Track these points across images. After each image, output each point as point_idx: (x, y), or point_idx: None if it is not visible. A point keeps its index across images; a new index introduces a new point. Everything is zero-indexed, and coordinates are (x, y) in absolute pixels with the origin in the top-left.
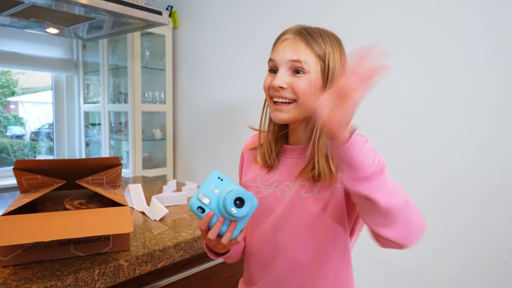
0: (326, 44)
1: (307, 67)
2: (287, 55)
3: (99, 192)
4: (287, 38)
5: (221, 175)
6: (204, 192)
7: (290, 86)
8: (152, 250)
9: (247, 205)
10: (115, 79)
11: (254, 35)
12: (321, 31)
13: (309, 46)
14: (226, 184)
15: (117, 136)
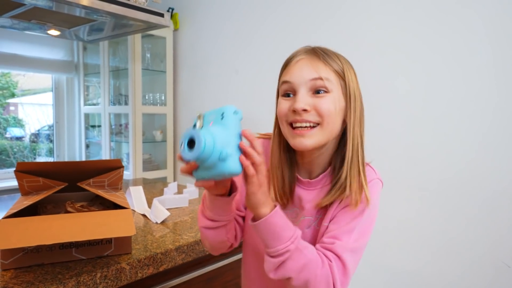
0: (342, 62)
1: (329, 85)
2: (306, 74)
3: (101, 194)
4: (302, 58)
5: (230, 114)
6: (207, 116)
7: (313, 107)
8: (154, 253)
9: (198, 146)
10: (115, 81)
11: (254, 37)
12: (330, 50)
13: (327, 64)
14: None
15: (118, 138)
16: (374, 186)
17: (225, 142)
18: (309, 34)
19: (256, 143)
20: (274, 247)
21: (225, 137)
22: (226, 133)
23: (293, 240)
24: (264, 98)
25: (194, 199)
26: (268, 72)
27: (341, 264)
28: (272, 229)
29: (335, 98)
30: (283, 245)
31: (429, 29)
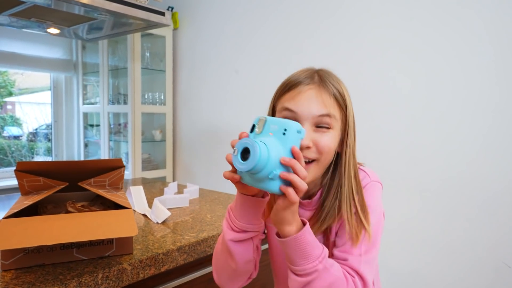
0: (343, 89)
1: (333, 122)
2: (314, 109)
3: (102, 194)
4: (311, 89)
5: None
6: (269, 124)
7: (314, 144)
8: (156, 253)
9: (252, 160)
10: (114, 80)
11: (255, 37)
12: (330, 74)
13: (334, 99)
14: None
15: (116, 137)
16: (370, 190)
17: (279, 162)
18: (310, 34)
19: (302, 163)
20: (301, 266)
21: (280, 155)
22: (282, 152)
23: (321, 259)
24: (264, 99)
25: (195, 199)
26: (269, 72)
27: (360, 279)
28: (301, 247)
29: (335, 134)
30: (311, 264)
31: (431, 29)
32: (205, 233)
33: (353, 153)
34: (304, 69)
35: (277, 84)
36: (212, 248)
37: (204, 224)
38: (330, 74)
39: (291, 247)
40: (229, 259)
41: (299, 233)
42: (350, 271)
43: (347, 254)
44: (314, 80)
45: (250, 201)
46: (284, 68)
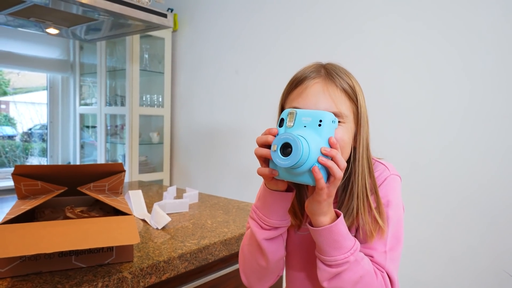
0: (354, 83)
1: (344, 116)
2: (322, 105)
3: (102, 200)
4: (317, 83)
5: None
6: (300, 116)
7: None
8: (157, 261)
9: (295, 155)
10: (112, 81)
11: (254, 39)
12: (338, 67)
13: (343, 91)
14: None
15: (113, 139)
16: (391, 184)
17: (320, 154)
18: (310, 36)
19: (340, 155)
20: (332, 256)
21: (320, 147)
22: (322, 144)
23: (353, 251)
24: (264, 101)
25: (194, 203)
26: (269, 75)
27: (386, 276)
28: (334, 238)
29: (348, 128)
30: (343, 255)
31: (435, 31)
32: (207, 240)
33: (366, 146)
34: (310, 64)
35: (277, 85)
36: (213, 255)
37: (205, 230)
38: (337, 67)
39: (324, 236)
40: (260, 259)
41: (333, 224)
42: (378, 267)
43: (372, 251)
44: (321, 73)
45: (280, 197)
46: (285, 70)
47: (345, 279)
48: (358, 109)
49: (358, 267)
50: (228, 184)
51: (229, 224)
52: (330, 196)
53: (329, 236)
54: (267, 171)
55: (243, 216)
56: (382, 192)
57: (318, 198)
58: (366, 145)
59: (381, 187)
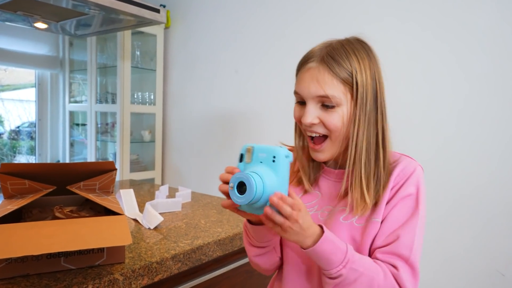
0: (352, 62)
1: (336, 100)
2: (312, 90)
3: (93, 199)
4: (311, 68)
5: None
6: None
7: (321, 120)
8: (149, 262)
9: (249, 193)
10: (102, 79)
11: (249, 36)
12: (345, 47)
13: (335, 76)
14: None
15: (104, 137)
16: (420, 175)
17: (274, 189)
18: (306, 33)
19: (293, 195)
20: (327, 270)
21: (274, 183)
22: (275, 179)
23: (344, 264)
24: (259, 100)
25: (187, 202)
26: (265, 73)
27: (409, 268)
28: (320, 256)
29: (344, 111)
30: (335, 269)
31: (429, 33)
32: (200, 240)
33: (359, 126)
34: (323, 42)
35: (274, 85)
36: (207, 256)
37: (199, 230)
38: (344, 46)
39: (312, 256)
40: (255, 265)
41: (315, 246)
42: (397, 262)
43: (398, 243)
44: (318, 57)
45: (258, 229)
46: (282, 69)
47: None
48: (356, 89)
49: (356, 274)
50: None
51: (223, 223)
52: (293, 228)
53: (316, 255)
54: (226, 204)
55: (236, 216)
56: (414, 182)
57: (284, 235)
58: (372, 128)
59: (412, 176)
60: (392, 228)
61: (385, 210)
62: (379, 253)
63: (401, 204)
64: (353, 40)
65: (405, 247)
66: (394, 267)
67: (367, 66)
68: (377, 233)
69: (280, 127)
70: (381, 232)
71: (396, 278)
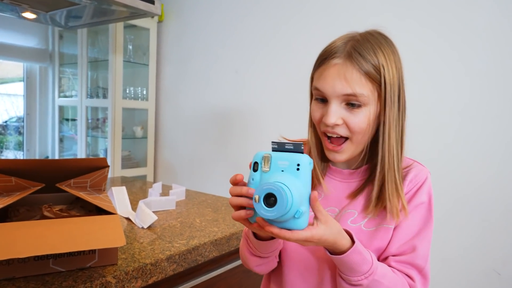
0: (380, 58)
1: (364, 99)
2: (338, 88)
3: (84, 197)
4: (336, 64)
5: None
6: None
7: (345, 121)
8: (143, 264)
9: (280, 206)
10: (93, 73)
11: (245, 31)
12: (370, 41)
13: (363, 73)
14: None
15: (94, 132)
16: (430, 183)
17: (302, 199)
18: (303, 28)
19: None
20: (347, 275)
21: (302, 193)
22: (302, 189)
23: (367, 275)
24: (255, 96)
25: (181, 201)
26: (260, 68)
27: (422, 278)
28: (347, 265)
29: (370, 111)
30: (356, 278)
31: (430, 30)
32: (196, 240)
33: (396, 128)
34: (344, 35)
35: (269, 80)
36: (203, 256)
37: (194, 229)
38: (369, 40)
39: (336, 262)
40: (252, 269)
41: (343, 256)
42: (412, 272)
43: (413, 251)
44: (343, 52)
45: (262, 243)
46: (278, 63)
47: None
48: (383, 86)
49: (376, 285)
50: (215, 180)
51: (219, 223)
52: (323, 243)
53: (341, 263)
54: (241, 215)
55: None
56: (426, 190)
57: (308, 243)
58: (396, 126)
59: (424, 184)
60: (407, 237)
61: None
62: (394, 261)
63: (415, 213)
64: (376, 34)
65: (421, 258)
66: (410, 277)
67: (392, 62)
68: (390, 240)
69: (276, 124)
70: (395, 240)
71: None
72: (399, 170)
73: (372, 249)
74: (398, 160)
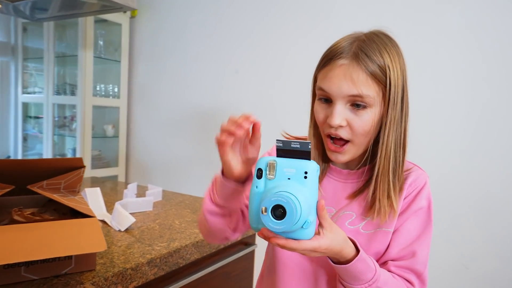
0: (385, 58)
1: (370, 100)
2: (345, 88)
3: (58, 199)
4: (342, 65)
5: (314, 174)
6: (281, 167)
7: (348, 123)
8: (123, 268)
9: (290, 218)
10: (60, 68)
11: (222, 27)
12: (376, 42)
13: (369, 74)
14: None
15: (61, 131)
16: (429, 187)
17: (310, 209)
18: (286, 24)
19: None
20: (350, 283)
21: (309, 203)
22: (310, 198)
23: (371, 283)
24: (233, 95)
25: (158, 202)
26: (237, 66)
27: (421, 283)
28: (351, 274)
29: (375, 113)
30: (359, 286)
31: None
32: (177, 242)
33: (398, 130)
34: (348, 36)
35: (250, 78)
36: (185, 259)
37: (174, 231)
38: (374, 41)
39: (340, 271)
40: (202, 222)
41: (348, 265)
42: (411, 277)
43: (413, 257)
44: (349, 53)
45: (230, 184)
46: (259, 61)
47: None
48: (388, 87)
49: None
50: (192, 181)
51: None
52: (328, 247)
53: (345, 272)
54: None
55: None
56: (425, 195)
57: (314, 253)
58: (397, 128)
59: (424, 188)
60: (407, 242)
61: (397, 221)
62: (394, 266)
63: (414, 217)
64: (381, 35)
65: (420, 263)
66: (409, 282)
67: (397, 63)
68: (389, 244)
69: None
70: (394, 244)
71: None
72: (395, 172)
73: (370, 252)
74: (396, 162)
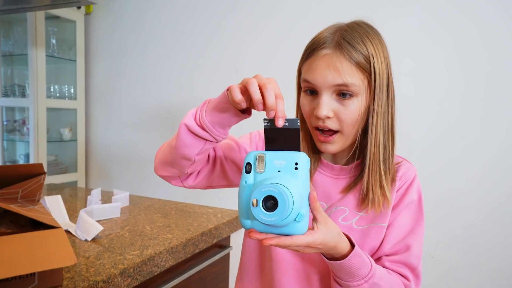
0: (368, 47)
1: (356, 89)
2: (329, 78)
3: (16, 211)
4: (326, 55)
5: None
6: (271, 159)
7: (336, 114)
8: (94, 281)
9: (282, 210)
10: (7, 68)
11: (185, 24)
12: (358, 31)
13: (353, 63)
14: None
15: (11, 135)
16: (419, 180)
17: (302, 201)
18: (248, 19)
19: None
20: (346, 281)
21: (301, 194)
22: (302, 190)
23: (367, 279)
24: (194, 94)
25: (125, 207)
26: (200, 65)
27: (415, 277)
28: (346, 270)
29: (361, 102)
30: (356, 282)
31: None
32: (150, 249)
33: (386, 119)
34: (330, 26)
35: (209, 78)
36: (159, 267)
37: (146, 238)
38: (356, 30)
39: (335, 267)
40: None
41: (343, 261)
42: (406, 272)
43: (407, 251)
44: (332, 42)
45: (228, 109)
46: (221, 61)
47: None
48: (373, 76)
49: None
50: (158, 183)
51: (172, 229)
52: (322, 242)
53: (340, 268)
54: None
55: (185, 219)
56: (416, 188)
57: (309, 249)
58: (385, 116)
59: (414, 181)
60: (400, 236)
61: (390, 216)
62: (388, 261)
63: (406, 211)
64: (363, 24)
65: (415, 257)
66: (405, 277)
67: (380, 51)
68: (383, 239)
69: None
70: (388, 239)
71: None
72: (385, 161)
73: (364, 248)
74: (386, 150)
